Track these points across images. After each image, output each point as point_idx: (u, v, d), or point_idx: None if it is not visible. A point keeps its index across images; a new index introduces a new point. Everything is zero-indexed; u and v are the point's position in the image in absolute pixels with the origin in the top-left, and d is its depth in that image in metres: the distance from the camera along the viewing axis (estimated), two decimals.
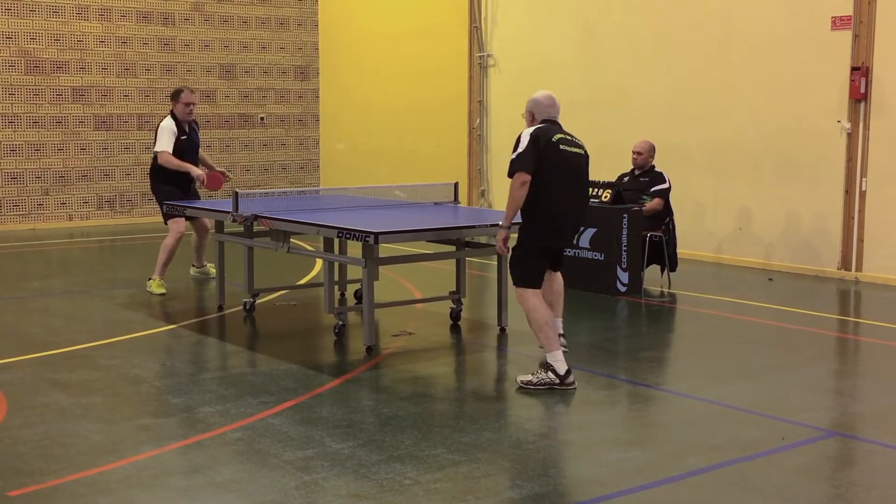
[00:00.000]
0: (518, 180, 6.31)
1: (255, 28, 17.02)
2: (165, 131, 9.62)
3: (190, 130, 9.82)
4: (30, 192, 15.26)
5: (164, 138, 9.60)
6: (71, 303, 9.48)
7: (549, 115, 6.62)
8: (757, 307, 9.30)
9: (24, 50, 15.02)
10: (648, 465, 5.10)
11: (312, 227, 7.56)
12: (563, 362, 6.40)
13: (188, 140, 9.75)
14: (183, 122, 9.72)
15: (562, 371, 6.37)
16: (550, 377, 6.37)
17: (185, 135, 9.73)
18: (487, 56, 14.78)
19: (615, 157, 11.32)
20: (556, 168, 6.40)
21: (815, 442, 5.52)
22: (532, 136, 6.40)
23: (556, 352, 6.41)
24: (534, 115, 6.64)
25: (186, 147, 9.73)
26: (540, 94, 6.68)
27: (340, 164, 17.48)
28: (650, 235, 9.97)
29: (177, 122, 9.68)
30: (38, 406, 6.01)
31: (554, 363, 6.38)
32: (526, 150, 6.35)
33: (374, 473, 4.91)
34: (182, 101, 9.67)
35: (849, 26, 10.61)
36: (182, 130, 9.70)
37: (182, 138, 9.68)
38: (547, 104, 6.62)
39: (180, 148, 9.66)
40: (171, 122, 9.66)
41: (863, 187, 10.64)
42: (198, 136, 9.99)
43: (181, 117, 9.70)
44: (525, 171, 6.30)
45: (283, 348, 7.69)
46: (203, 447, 5.33)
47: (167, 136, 9.59)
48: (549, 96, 6.66)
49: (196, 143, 9.91)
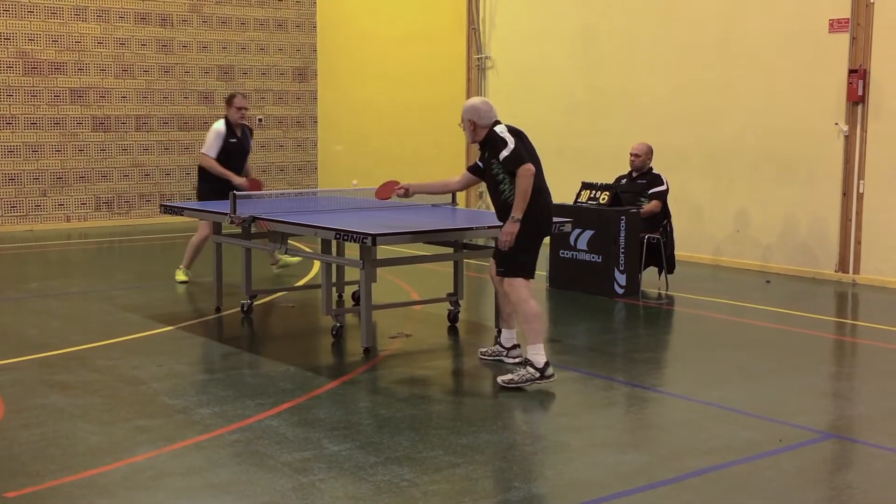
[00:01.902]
0: (527, 173, 6.33)
1: (253, 29, 17.02)
2: (213, 135, 9.90)
3: (242, 135, 10.06)
4: (27, 194, 15.25)
5: (210, 142, 9.88)
6: (69, 304, 9.48)
7: (493, 117, 6.60)
8: (755, 309, 9.31)
9: (21, 51, 15.01)
10: (646, 468, 5.10)
11: (310, 229, 7.56)
12: (543, 355, 6.42)
13: (238, 144, 10.00)
14: (235, 127, 9.95)
15: (541, 364, 6.38)
16: (531, 372, 6.39)
17: (236, 139, 9.97)
18: (486, 58, 14.79)
19: (613, 159, 11.34)
20: (535, 159, 6.53)
21: (813, 444, 5.53)
22: (509, 130, 6.51)
23: (538, 345, 6.42)
24: (475, 124, 6.58)
25: (236, 150, 9.97)
26: (476, 100, 6.71)
27: (339, 165, 17.48)
28: (648, 237, 9.97)
29: (229, 126, 9.91)
30: (35, 407, 6.00)
31: (533, 357, 6.40)
32: (516, 144, 6.43)
33: (371, 475, 4.91)
34: (235, 106, 9.95)
35: (846, 29, 10.63)
36: (233, 134, 9.93)
37: (232, 141, 9.91)
38: (486, 109, 6.61)
39: (229, 151, 9.89)
40: (221, 125, 9.92)
41: (860, 190, 10.65)
42: (249, 142, 10.22)
43: (234, 121, 9.95)
44: (529, 163, 6.37)
45: (280, 350, 7.68)
46: (200, 449, 5.33)
47: (214, 139, 9.87)
48: (485, 101, 6.70)
49: (246, 148, 10.16)
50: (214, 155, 9.82)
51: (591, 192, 10.03)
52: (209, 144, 9.87)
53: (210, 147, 9.85)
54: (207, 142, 9.90)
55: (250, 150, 10.28)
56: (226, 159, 9.86)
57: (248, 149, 10.19)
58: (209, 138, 9.90)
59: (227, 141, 9.87)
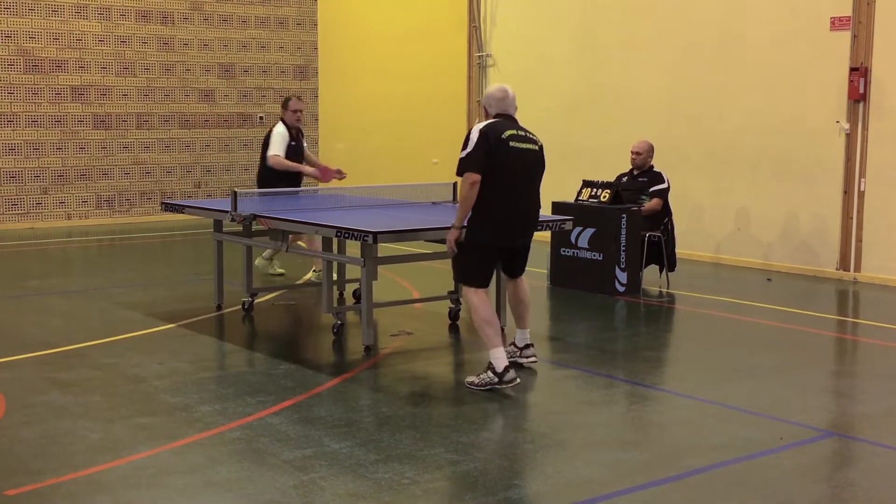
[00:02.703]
0: (468, 181, 6.18)
1: (254, 27, 17.02)
2: (277, 136, 10.05)
3: (297, 137, 10.20)
4: (28, 191, 15.25)
5: (277, 143, 10.02)
6: (70, 302, 9.48)
7: (502, 109, 6.46)
8: (755, 307, 9.31)
9: (23, 49, 15.01)
10: (646, 466, 5.10)
11: (311, 227, 7.56)
12: (503, 359, 6.30)
13: (296, 146, 10.15)
14: (291, 128, 10.08)
15: (499, 368, 6.27)
16: (490, 376, 6.32)
17: (295, 141, 10.11)
18: (486, 56, 14.79)
19: (614, 157, 11.34)
20: (505, 166, 6.26)
21: (814, 442, 5.52)
22: (481, 132, 6.25)
23: (497, 349, 6.31)
24: (486, 111, 6.53)
25: (295, 152, 10.12)
26: (492, 88, 6.55)
27: (339, 163, 17.31)
28: (649, 235, 9.97)
29: (287, 128, 10.04)
30: (36, 405, 6.00)
31: (493, 361, 6.31)
32: (475, 148, 6.20)
33: (372, 473, 4.91)
34: (291, 109, 10.13)
35: (848, 27, 10.62)
36: (291, 136, 10.07)
37: (292, 144, 10.06)
38: (498, 97, 6.46)
39: (289, 153, 10.03)
40: (283, 128, 10.08)
41: (861, 188, 10.64)
42: (303, 146, 10.36)
43: (290, 124, 10.10)
44: (474, 171, 6.17)
45: (281, 348, 7.69)
46: (201, 446, 5.33)
47: (280, 141, 10.01)
48: (502, 89, 6.49)
49: (302, 148, 10.31)
50: (284, 154, 9.95)
51: (592, 190, 10.03)
52: (277, 145, 9.97)
53: (279, 147, 9.96)
54: (273, 144, 10.00)
55: (304, 151, 10.38)
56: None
57: (303, 149, 10.34)
58: (275, 140, 10.00)
59: (287, 144, 10.02)
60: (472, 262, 6.45)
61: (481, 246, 6.41)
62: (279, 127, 10.10)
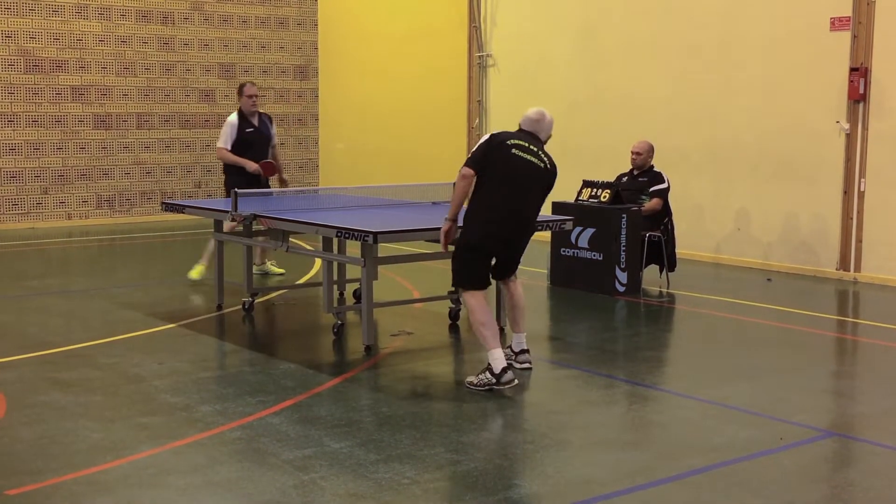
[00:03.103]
0: (460, 173, 6.35)
1: (254, 27, 17.03)
2: (225, 126, 9.98)
3: (259, 123, 10.07)
4: (29, 191, 15.26)
5: (223, 134, 9.96)
6: (70, 302, 9.49)
7: (529, 127, 6.62)
8: (755, 307, 9.31)
9: (23, 49, 15.02)
10: (647, 466, 5.11)
11: (312, 227, 7.56)
12: (502, 360, 6.32)
13: (256, 132, 10.00)
14: (249, 115, 9.97)
15: (497, 369, 6.29)
16: (488, 377, 6.34)
17: (253, 128, 9.97)
18: (487, 56, 14.79)
19: (614, 157, 11.34)
20: (502, 172, 6.35)
21: (814, 442, 5.53)
22: (490, 136, 6.47)
23: (495, 350, 6.33)
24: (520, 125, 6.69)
25: (255, 139, 9.98)
26: (532, 110, 6.70)
27: (339, 163, 17.49)
28: (649, 235, 9.97)
29: (242, 115, 9.94)
30: (37, 405, 6.01)
31: (491, 361, 6.34)
32: (479, 147, 6.42)
33: (372, 473, 4.91)
34: (245, 94, 9.99)
35: (848, 27, 10.62)
36: (249, 123, 9.95)
37: (248, 131, 9.93)
38: (532, 117, 6.64)
39: (247, 140, 9.92)
40: (234, 117, 9.96)
41: (861, 188, 10.65)
42: (269, 128, 10.19)
43: (246, 110, 9.98)
44: (469, 167, 6.32)
45: (281, 348, 7.69)
46: (202, 446, 5.33)
47: (226, 130, 9.94)
48: (539, 111, 6.67)
49: (267, 134, 10.15)
50: (227, 146, 9.86)
51: (592, 190, 10.03)
52: (222, 136, 9.93)
53: (223, 139, 9.90)
54: (222, 135, 9.95)
55: (273, 137, 10.25)
56: (246, 149, 9.89)
57: (268, 135, 10.17)
58: (222, 130, 9.96)
59: (242, 131, 9.90)
60: (466, 265, 6.51)
61: (472, 247, 6.47)
62: (232, 116, 9.99)
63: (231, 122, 9.92)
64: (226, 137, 9.88)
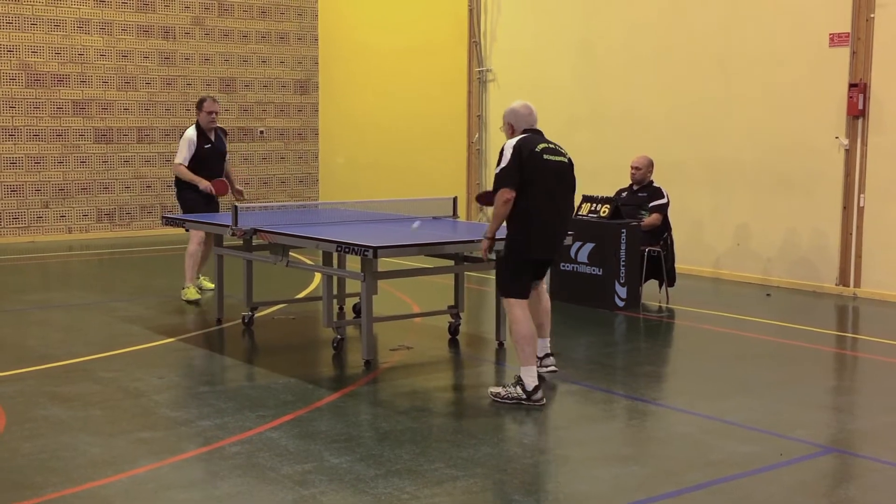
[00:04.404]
0: (502, 197, 6.32)
1: (255, 42, 17.08)
2: (184, 143, 9.93)
3: (216, 139, 10.07)
4: (29, 205, 15.27)
5: (182, 150, 9.92)
6: (70, 316, 9.49)
7: (529, 125, 6.61)
8: (755, 322, 9.31)
9: (25, 63, 15.06)
10: (646, 481, 5.10)
11: (311, 241, 7.57)
12: (535, 378, 6.37)
13: (213, 148, 10.00)
14: (207, 131, 9.96)
15: (530, 387, 6.33)
16: (518, 392, 6.36)
17: (210, 143, 9.97)
18: (487, 71, 14.83)
19: (614, 172, 11.35)
20: (540, 179, 6.40)
21: (814, 458, 5.53)
22: (515, 147, 6.39)
23: (530, 367, 6.38)
24: (513, 127, 6.64)
25: (210, 154, 9.98)
26: (517, 104, 6.67)
27: (339, 178, 17.51)
28: (648, 250, 9.98)
29: (200, 130, 9.92)
30: (36, 419, 6.01)
31: (524, 378, 6.36)
32: (510, 163, 6.35)
33: (372, 488, 4.91)
34: (205, 110, 9.97)
35: (847, 43, 10.66)
36: (206, 139, 9.95)
37: (206, 147, 9.93)
38: (525, 113, 6.61)
39: (204, 156, 9.92)
40: (192, 132, 9.93)
41: (861, 203, 10.66)
42: (224, 144, 10.21)
43: (204, 126, 9.97)
44: (510, 188, 6.31)
45: (281, 362, 7.69)
46: (201, 461, 5.33)
47: (184, 147, 9.90)
48: (526, 105, 6.65)
49: (222, 150, 10.15)
50: (185, 162, 9.85)
51: (591, 205, 10.05)
52: (180, 152, 9.89)
53: (181, 156, 9.87)
54: (180, 151, 9.90)
55: (226, 152, 10.25)
56: (203, 164, 9.88)
57: (223, 151, 10.17)
58: (180, 146, 9.92)
59: (199, 147, 9.89)
60: (514, 273, 6.52)
61: (522, 256, 6.51)
62: (189, 131, 9.95)
63: (190, 138, 9.87)
64: (184, 153, 9.86)
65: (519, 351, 6.44)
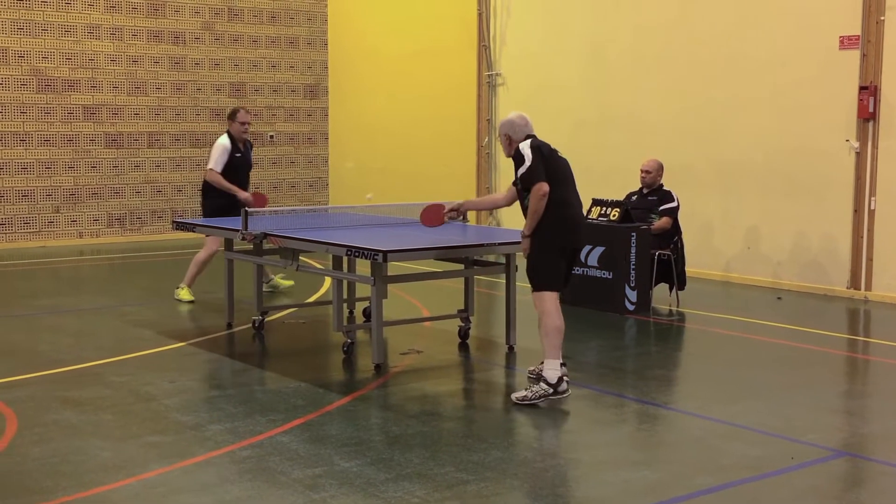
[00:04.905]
0: (540, 191, 6.43)
1: (265, 47, 17.12)
2: (218, 149, 9.94)
3: (245, 149, 10.12)
4: (40, 210, 15.32)
5: (217, 157, 9.91)
6: (81, 320, 9.51)
7: (529, 132, 6.75)
8: (766, 326, 9.29)
9: (35, 69, 15.12)
10: (657, 485, 5.09)
11: (321, 245, 7.58)
12: (557, 370, 6.43)
13: (242, 158, 10.06)
14: (238, 141, 10.00)
15: (553, 379, 6.41)
16: (543, 388, 6.41)
17: (240, 153, 10.03)
18: (496, 75, 14.84)
19: (623, 175, 11.34)
20: (560, 174, 6.61)
21: (825, 462, 5.51)
22: (533, 147, 6.56)
23: (555, 360, 6.44)
24: (511, 138, 6.75)
25: (241, 165, 10.04)
26: (513, 116, 6.84)
27: (349, 182, 17.53)
28: (658, 254, 9.97)
29: (232, 140, 9.97)
30: (47, 423, 6.03)
31: (547, 371, 6.43)
32: (534, 161, 6.50)
33: (382, 492, 4.91)
34: (238, 121, 10.01)
35: (857, 46, 10.63)
36: (237, 149, 9.99)
37: (237, 156, 9.98)
38: (521, 123, 6.77)
39: (234, 165, 9.95)
40: (226, 140, 9.97)
41: (872, 206, 10.63)
42: (251, 156, 10.28)
43: (237, 136, 10.01)
44: (543, 181, 6.45)
45: (291, 366, 7.70)
46: (212, 465, 5.34)
47: (220, 154, 9.91)
48: (522, 116, 6.82)
49: (250, 161, 10.23)
50: (220, 170, 9.85)
51: (601, 209, 10.04)
52: (215, 160, 9.88)
53: (217, 162, 9.86)
54: (213, 157, 9.91)
55: (252, 164, 10.32)
56: (233, 174, 9.91)
57: (251, 163, 10.25)
58: (215, 153, 9.91)
59: (231, 156, 9.92)
60: (550, 265, 6.59)
61: (558, 248, 6.60)
62: (222, 139, 9.97)
63: (224, 146, 9.89)
64: (220, 161, 9.85)
65: (547, 344, 6.49)
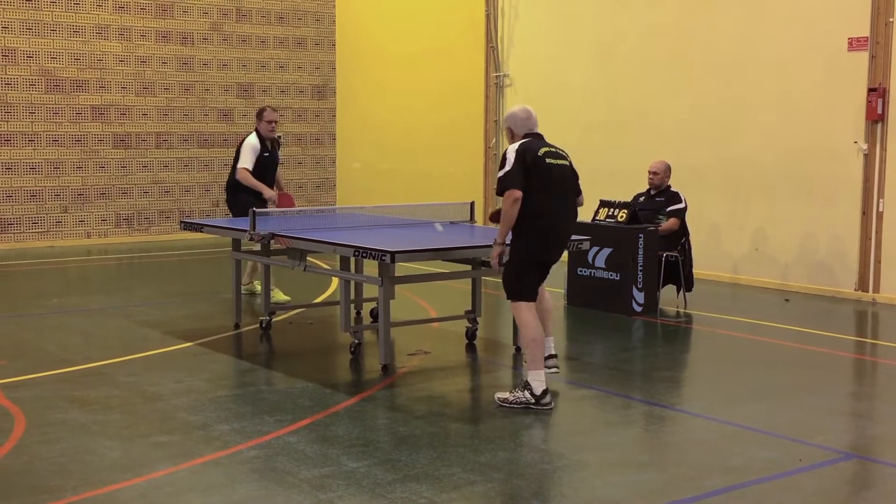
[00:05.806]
0: (510, 198, 6.29)
1: (272, 47, 17.14)
2: (248, 148, 9.96)
3: (272, 148, 10.14)
4: (49, 210, 15.36)
5: (247, 155, 9.94)
6: (89, 320, 9.53)
7: (529, 128, 6.61)
8: (773, 328, 9.27)
9: (44, 69, 15.16)
10: (664, 487, 5.09)
11: (329, 246, 7.58)
12: (542, 382, 6.36)
13: (270, 157, 10.09)
14: (266, 140, 10.02)
15: (538, 391, 6.33)
16: (527, 396, 6.35)
17: (268, 152, 10.06)
18: (504, 76, 14.83)
19: (631, 177, 11.34)
20: (543, 183, 6.39)
21: (833, 464, 5.50)
22: (518, 151, 6.39)
23: (538, 371, 6.37)
24: (513, 132, 6.65)
25: (269, 163, 10.07)
26: (516, 109, 6.69)
27: (357, 182, 17.54)
28: (666, 255, 9.96)
29: (261, 139, 9.99)
30: (55, 423, 6.04)
31: (532, 382, 6.36)
32: (513, 167, 6.34)
33: (389, 493, 4.91)
34: (265, 119, 10.04)
35: (865, 47, 10.61)
36: (265, 147, 10.01)
37: (265, 155, 10.00)
38: (524, 117, 6.61)
39: (263, 164, 9.99)
40: (255, 139, 9.99)
41: (880, 208, 10.61)
42: (278, 154, 10.31)
43: (265, 135, 10.04)
44: (516, 188, 6.29)
45: (299, 366, 7.70)
46: (219, 465, 5.35)
47: (250, 153, 9.94)
48: (525, 109, 6.66)
49: (277, 160, 10.26)
50: (251, 168, 9.90)
51: (609, 210, 10.03)
52: (246, 158, 9.91)
53: (247, 160, 9.90)
54: (244, 156, 9.93)
55: (279, 163, 10.36)
56: (261, 172, 9.96)
57: (278, 160, 10.29)
58: (245, 152, 9.93)
59: (260, 154, 9.95)
60: (523, 277, 6.50)
61: (529, 261, 6.48)
62: (251, 138, 10.01)
63: (254, 145, 9.93)
64: (249, 159, 9.89)
65: (528, 354, 6.44)
